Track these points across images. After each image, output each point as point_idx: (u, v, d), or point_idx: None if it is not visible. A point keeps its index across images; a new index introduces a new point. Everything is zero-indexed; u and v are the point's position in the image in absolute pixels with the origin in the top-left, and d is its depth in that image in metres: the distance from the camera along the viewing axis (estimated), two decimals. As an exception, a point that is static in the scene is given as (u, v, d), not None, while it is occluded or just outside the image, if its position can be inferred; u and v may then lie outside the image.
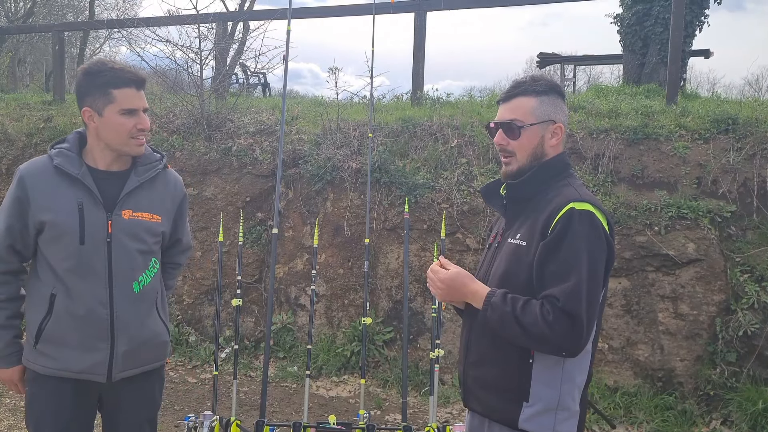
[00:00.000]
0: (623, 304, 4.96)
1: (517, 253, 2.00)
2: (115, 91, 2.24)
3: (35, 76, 23.27)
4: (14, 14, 19.09)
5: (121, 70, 2.26)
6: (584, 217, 1.89)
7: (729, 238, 4.93)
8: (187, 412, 4.78)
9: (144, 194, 2.38)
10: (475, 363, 2.11)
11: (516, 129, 2.05)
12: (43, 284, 2.28)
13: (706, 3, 9.57)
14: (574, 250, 1.86)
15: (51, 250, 2.27)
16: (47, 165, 2.29)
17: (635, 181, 5.29)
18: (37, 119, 7.89)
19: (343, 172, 5.92)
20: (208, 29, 7.34)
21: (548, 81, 2.11)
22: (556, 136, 2.07)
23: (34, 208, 2.25)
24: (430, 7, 7.03)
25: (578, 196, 1.94)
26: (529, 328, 1.84)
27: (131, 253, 2.32)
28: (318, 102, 7.95)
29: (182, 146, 6.63)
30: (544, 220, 1.94)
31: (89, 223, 2.25)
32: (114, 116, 2.25)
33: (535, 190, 2.06)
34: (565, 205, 1.91)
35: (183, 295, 6.30)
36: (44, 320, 2.27)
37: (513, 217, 2.12)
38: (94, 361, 2.28)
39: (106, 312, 2.27)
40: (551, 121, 2.07)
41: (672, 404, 4.69)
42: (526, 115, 2.06)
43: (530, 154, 2.07)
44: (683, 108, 5.86)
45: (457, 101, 7.41)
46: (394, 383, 5.30)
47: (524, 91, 2.08)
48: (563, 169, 2.09)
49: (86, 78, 2.28)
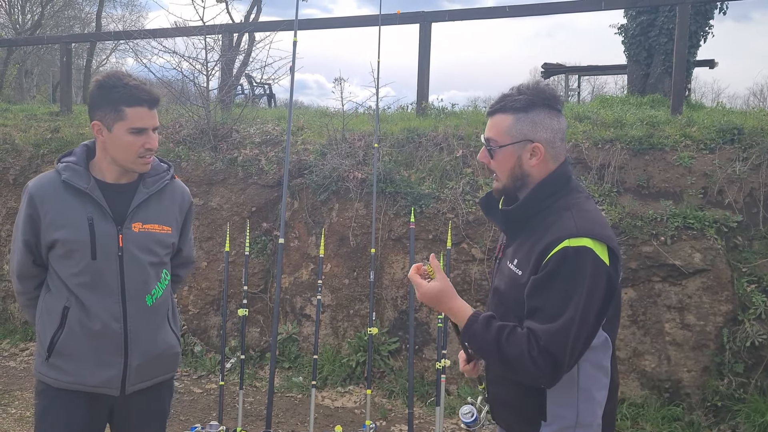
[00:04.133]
0: (629, 315, 4.94)
1: (513, 279, 1.93)
2: (128, 109, 2.21)
3: (42, 88, 23.44)
4: (22, 26, 19.24)
5: (135, 87, 2.22)
6: (580, 256, 1.76)
7: (735, 248, 4.92)
8: (193, 422, 4.78)
9: (153, 206, 2.37)
10: (493, 380, 2.09)
11: (493, 147, 1.97)
12: (55, 298, 2.28)
13: (710, 13, 9.61)
14: (565, 291, 1.76)
15: (62, 265, 2.26)
16: (55, 180, 2.28)
17: (641, 191, 5.28)
18: (44, 130, 7.93)
19: (348, 182, 5.93)
20: (215, 40, 7.38)
21: (531, 93, 1.96)
22: (535, 156, 1.93)
23: (44, 226, 2.25)
24: (435, 19, 7.07)
25: (574, 230, 1.80)
26: (512, 361, 1.79)
27: (143, 266, 2.32)
28: (323, 112, 7.98)
29: (188, 156, 6.66)
30: (539, 254, 1.83)
31: (100, 238, 2.25)
32: (123, 134, 2.23)
33: (533, 212, 1.95)
34: (560, 242, 1.79)
35: (189, 305, 6.31)
36: (56, 333, 2.26)
37: (513, 234, 2.04)
38: (108, 376, 2.28)
39: (119, 326, 2.27)
40: (527, 140, 1.93)
41: (679, 415, 4.67)
42: (501, 134, 1.96)
43: (509, 174, 1.97)
44: (688, 118, 5.86)
45: (462, 111, 7.43)
46: (400, 394, 5.28)
47: (503, 107, 1.97)
48: (562, 185, 1.96)
49: (100, 91, 2.25)
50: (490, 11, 7.80)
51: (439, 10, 7.51)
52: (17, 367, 5.88)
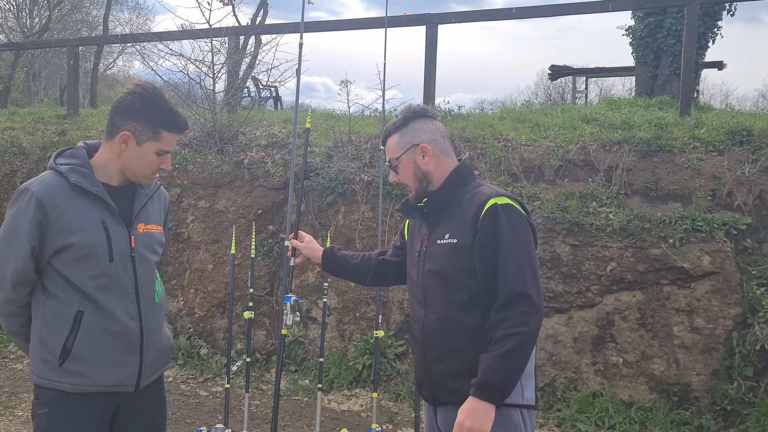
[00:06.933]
0: (638, 318, 4.91)
1: (450, 249, 2.25)
2: (166, 133, 2.29)
3: (49, 91, 23.55)
4: (30, 30, 19.34)
5: (178, 115, 2.32)
6: (506, 210, 2.17)
7: (745, 251, 4.88)
8: (199, 425, 4.77)
9: (149, 207, 2.45)
10: (438, 359, 2.29)
11: (394, 164, 2.38)
12: (63, 303, 2.24)
13: (719, 15, 9.56)
14: (508, 239, 2.14)
15: (75, 269, 2.24)
16: (62, 184, 2.24)
17: (649, 193, 5.25)
18: (51, 133, 7.96)
19: (354, 184, 5.92)
20: (221, 43, 7.38)
21: (405, 112, 2.42)
22: (426, 154, 2.34)
23: (54, 231, 2.20)
24: (441, 21, 7.04)
25: (495, 192, 2.23)
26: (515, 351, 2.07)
27: (151, 265, 2.41)
28: (329, 115, 7.97)
29: (194, 159, 6.66)
30: (472, 217, 2.20)
31: (115, 240, 2.28)
32: (150, 152, 2.29)
33: (451, 196, 2.32)
34: (487, 201, 2.19)
35: (195, 307, 6.31)
36: (69, 338, 2.24)
37: (435, 222, 2.35)
38: (125, 374, 2.32)
39: (136, 325, 2.32)
40: (414, 145, 2.35)
41: (688, 419, 4.63)
42: (394, 151, 2.38)
43: (414, 179, 2.37)
44: (697, 120, 5.83)
45: (469, 114, 7.41)
46: (407, 397, 5.26)
47: (388, 132, 2.41)
48: (468, 175, 2.37)
49: (144, 106, 2.25)
50: (497, 13, 7.78)
51: (446, 12, 7.49)
52: (24, 370, 5.88)
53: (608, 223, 5.05)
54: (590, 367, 4.97)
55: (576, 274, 5.07)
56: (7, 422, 4.83)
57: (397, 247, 2.69)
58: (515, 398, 2.17)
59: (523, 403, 2.21)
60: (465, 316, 2.22)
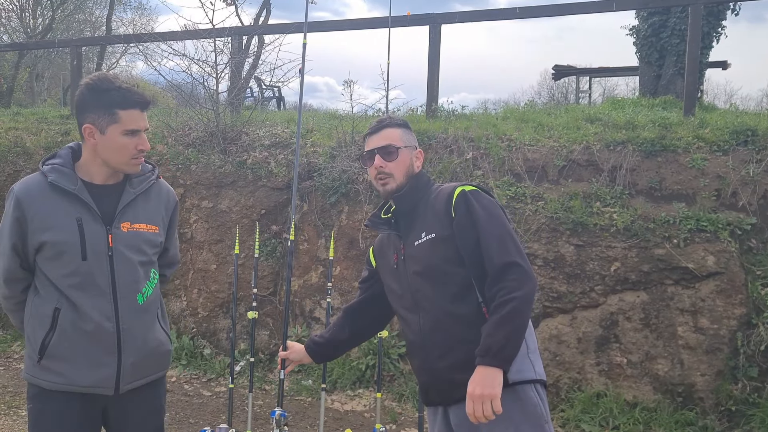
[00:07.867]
0: (642, 318, 4.89)
1: (431, 244, 2.32)
2: (122, 111, 2.23)
3: (53, 91, 23.57)
4: (33, 30, 19.35)
5: (128, 90, 2.25)
6: (475, 193, 2.30)
7: (749, 251, 4.86)
8: (202, 425, 4.77)
9: (141, 206, 2.39)
10: (440, 355, 2.30)
11: (394, 150, 2.42)
12: (44, 300, 2.27)
13: (723, 14, 9.53)
14: (484, 217, 2.24)
15: (51, 267, 2.26)
16: (42, 183, 2.27)
17: (653, 193, 5.24)
18: (54, 133, 7.98)
19: (357, 184, 5.91)
20: (224, 43, 7.38)
21: (398, 119, 2.56)
22: (419, 159, 2.50)
23: (32, 229, 2.23)
24: (444, 20, 7.04)
25: (459, 183, 2.38)
26: (513, 314, 2.11)
27: (133, 265, 2.33)
28: (333, 115, 7.97)
29: (198, 159, 6.66)
30: (444, 207, 2.31)
31: (90, 238, 2.25)
32: (117, 136, 2.24)
33: (418, 198, 2.43)
34: (455, 190, 2.32)
35: (198, 307, 6.31)
36: (48, 336, 2.25)
37: (407, 228, 2.43)
38: (102, 376, 2.28)
39: (112, 326, 2.27)
40: (414, 146, 2.50)
41: (693, 420, 4.61)
42: (397, 140, 2.45)
43: (405, 173, 2.44)
44: (701, 120, 5.81)
45: (472, 114, 7.39)
46: (410, 397, 5.25)
47: (389, 124, 2.49)
48: (429, 179, 2.53)
49: (91, 94, 2.25)
50: (501, 13, 7.77)
51: (449, 12, 7.49)
52: (28, 370, 5.89)
53: (612, 223, 5.04)
54: (594, 367, 4.96)
55: (580, 274, 5.05)
56: (11, 422, 4.85)
57: (366, 277, 2.72)
58: (528, 374, 2.23)
59: (536, 377, 2.25)
60: (458, 305, 2.27)
